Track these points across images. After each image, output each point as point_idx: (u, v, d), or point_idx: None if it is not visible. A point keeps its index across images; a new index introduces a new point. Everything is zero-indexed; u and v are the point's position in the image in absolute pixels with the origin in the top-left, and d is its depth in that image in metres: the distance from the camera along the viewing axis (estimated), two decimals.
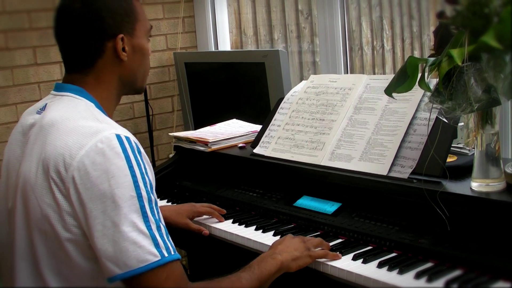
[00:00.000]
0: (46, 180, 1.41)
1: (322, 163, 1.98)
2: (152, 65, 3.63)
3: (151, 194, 1.41)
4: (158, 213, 1.41)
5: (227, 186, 2.25)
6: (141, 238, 1.35)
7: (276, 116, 2.28)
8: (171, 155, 2.62)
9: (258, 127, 2.42)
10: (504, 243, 1.45)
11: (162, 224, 1.41)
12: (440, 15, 1.52)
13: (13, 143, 1.58)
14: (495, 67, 1.43)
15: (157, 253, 1.36)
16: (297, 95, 2.26)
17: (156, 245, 1.36)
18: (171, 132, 2.77)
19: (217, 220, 2.01)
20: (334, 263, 1.58)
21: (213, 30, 3.70)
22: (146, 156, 1.46)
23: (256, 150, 2.22)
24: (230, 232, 1.92)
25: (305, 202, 1.95)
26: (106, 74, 1.55)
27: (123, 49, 1.54)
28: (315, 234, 1.80)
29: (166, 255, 1.37)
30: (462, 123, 1.93)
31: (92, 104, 1.52)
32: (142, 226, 1.36)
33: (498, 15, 1.38)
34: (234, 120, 2.69)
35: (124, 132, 1.43)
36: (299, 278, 1.65)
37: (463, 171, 1.72)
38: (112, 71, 1.56)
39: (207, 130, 2.55)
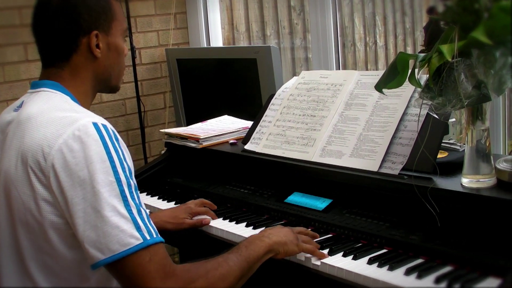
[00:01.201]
0: (26, 172, 1.42)
1: (313, 160, 1.97)
2: (144, 61, 3.62)
3: (130, 179, 1.41)
4: (138, 197, 1.42)
5: (218, 182, 2.24)
6: (122, 222, 1.35)
7: (267, 112, 2.27)
8: (163, 152, 2.61)
9: (249, 124, 2.41)
10: (494, 240, 1.45)
11: (143, 209, 1.42)
12: (431, 10, 1.52)
13: None
14: (485, 63, 1.42)
15: (139, 236, 1.36)
16: (288, 91, 2.25)
17: (138, 228, 1.37)
18: (163, 129, 2.76)
19: (208, 216, 2.01)
20: (325, 260, 1.58)
21: (205, 26, 3.69)
22: (124, 143, 1.47)
23: (247, 147, 2.21)
24: (221, 229, 1.91)
25: (296, 198, 1.95)
26: (81, 69, 1.57)
27: (97, 46, 1.56)
28: None
29: (148, 238, 1.37)
30: (454, 119, 1.93)
31: (68, 97, 1.54)
32: (123, 210, 1.37)
33: (488, 10, 1.38)
34: (226, 116, 2.68)
35: (101, 120, 1.45)
36: (289, 274, 1.65)
37: (454, 167, 1.72)
38: (86, 67, 1.58)
39: (198, 127, 2.54)
